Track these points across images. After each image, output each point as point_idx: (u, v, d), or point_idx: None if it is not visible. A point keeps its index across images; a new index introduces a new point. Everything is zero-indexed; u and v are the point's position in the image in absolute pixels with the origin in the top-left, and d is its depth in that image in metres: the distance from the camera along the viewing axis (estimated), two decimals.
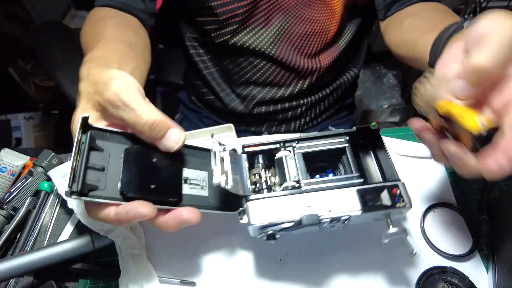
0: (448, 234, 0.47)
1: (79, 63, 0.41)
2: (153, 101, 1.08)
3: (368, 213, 0.37)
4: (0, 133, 1.43)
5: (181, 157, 0.41)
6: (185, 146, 0.41)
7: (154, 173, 0.38)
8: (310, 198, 0.38)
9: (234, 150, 0.42)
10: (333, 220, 0.37)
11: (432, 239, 0.46)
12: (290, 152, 0.42)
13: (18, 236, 0.47)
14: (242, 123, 0.76)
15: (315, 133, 0.43)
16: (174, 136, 0.36)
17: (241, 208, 0.39)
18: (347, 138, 0.42)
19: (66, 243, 0.44)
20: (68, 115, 0.38)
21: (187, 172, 0.40)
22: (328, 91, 0.75)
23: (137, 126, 0.34)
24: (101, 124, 0.36)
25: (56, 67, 0.70)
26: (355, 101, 0.88)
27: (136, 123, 0.34)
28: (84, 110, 0.36)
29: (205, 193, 0.41)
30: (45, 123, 1.48)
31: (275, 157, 0.43)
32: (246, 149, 0.43)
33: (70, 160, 0.34)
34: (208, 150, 0.42)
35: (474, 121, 0.29)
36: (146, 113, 0.33)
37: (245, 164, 0.42)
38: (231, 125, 0.63)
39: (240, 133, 0.74)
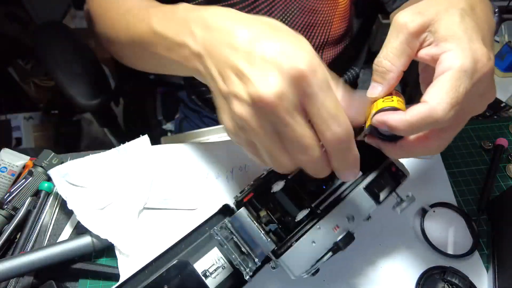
0: (448, 234, 0.47)
1: (79, 63, 0.40)
2: (153, 100, 1.09)
3: (383, 202, 0.36)
4: (0, 133, 1.43)
5: (185, 256, 0.37)
6: (182, 240, 0.38)
7: None
8: (330, 219, 0.35)
9: (227, 212, 0.38)
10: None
11: (432, 239, 0.46)
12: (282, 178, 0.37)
13: (18, 236, 0.47)
14: None
15: None
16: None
17: (272, 262, 0.36)
18: None
19: (66, 243, 0.44)
20: (68, 115, 0.38)
21: (199, 265, 0.37)
22: None
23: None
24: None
25: (56, 67, 0.70)
26: None
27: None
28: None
29: (229, 270, 0.37)
30: (45, 123, 1.48)
31: (272, 191, 0.37)
32: (240, 199, 0.37)
33: None
34: (199, 227, 0.39)
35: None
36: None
37: (250, 219, 0.36)
38: None
39: None
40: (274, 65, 0.26)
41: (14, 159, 0.53)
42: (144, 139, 0.52)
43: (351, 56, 0.75)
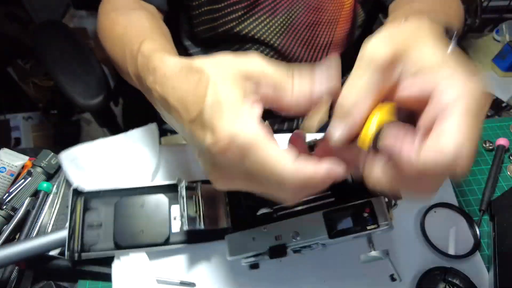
0: (449, 235, 0.47)
1: (79, 63, 0.40)
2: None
3: (337, 238, 0.34)
4: None
5: (168, 196, 0.44)
6: (171, 185, 0.44)
7: (143, 219, 0.42)
8: (280, 226, 0.36)
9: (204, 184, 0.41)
10: (304, 247, 0.35)
11: (433, 239, 0.46)
12: None
13: (17, 237, 0.47)
14: None
15: None
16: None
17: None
18: None
19: (64, 230, 0.43)
20: (67, 115, 0.38)
21: (175, 209, 0.44)
22: None
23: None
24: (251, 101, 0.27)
25: (56, 67, 0.70)
26: None
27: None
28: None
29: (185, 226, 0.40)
30: (44, 123, 1.48)
31: None
32: None
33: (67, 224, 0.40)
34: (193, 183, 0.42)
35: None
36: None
37: (225, 195, 0.41)
38: None
39: None
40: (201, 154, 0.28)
41: (13, 159, 0.53)
42: (152, 126, 0.53)
43: (355, 55, 0.74)
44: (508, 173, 0.53)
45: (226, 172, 0.28)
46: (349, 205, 0.34)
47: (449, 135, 0.21)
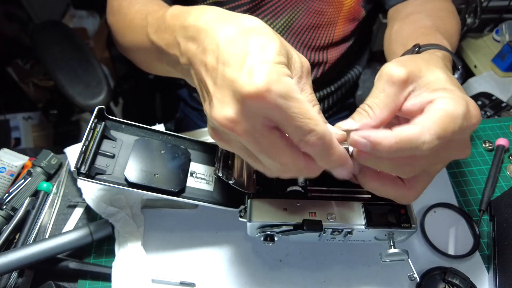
0: (449, 235, 0.47)
1: (78, 62, 0.40)
2: (153, 99, 1.08)
3: (371, 230, 0.36)
4: None
5: (190, 151, 0.43)
6: (195, 142, 0.44)
7: (160, 164, 0.40)
8: (314, 205, 0.37)
9: None
10: (334, 231, 0.37)
11: (433, 240, 0.46)
12: None
13: (17, 237, 0.47)
14: None
15: None
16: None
17: (242, 206, 0.39)
18: None
19: (65, 234, 0.44)
20: (67, 115, 0.38)
21: (194, 166, 0.42)
22: (332, 89, 0.74)
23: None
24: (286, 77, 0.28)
25: (55, 67, 0.70)
26: (355, 101, 0.87)
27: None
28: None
29: (210, 187, 0.42)
30: (44, 123, 1.48)
31: None
32: None
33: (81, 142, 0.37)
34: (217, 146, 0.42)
35: None
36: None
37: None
38: None
39: None
40: (230, 90, 0.26)
41: (13, 159, 0.53)
42: (159, 128, 0.53)
43: (354, 55, 0.75)
44: (508, 173, 0.53)
45: (239, 124, 0.27)
46: (387, 203, 0.37)
47: (420, 121, 0.27)
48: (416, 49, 0.42)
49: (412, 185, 0.32)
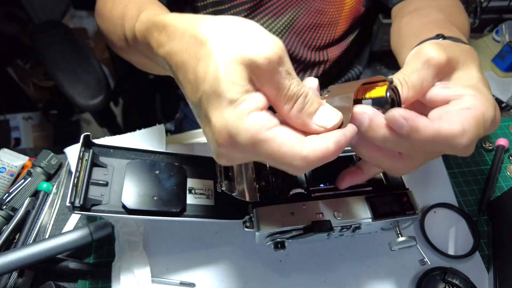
0: (449, 235, 0.47)
1: (78, 63, 0.40)
2: (153, 99, 1.08)
3: (378, 221, 0.37)
4: None
5: (185, 168, 0.42)
6: (189, 157, 0.42)
7: (157, 185, 0.39)
8: (319, 206, 0.37)
9: None
10: (343, 228, 0.37)
11: (433, 240, 0.46)
12: None
13: (17, 237, 0.47)
14: None
15: None
16: (328, 113, 0.27)
17: (247, 216, 0.38)
18: None
19: (65, 235, 0.44)
20: (67, 115, 0.38)
21: (192, 182, 0.41)
22: None
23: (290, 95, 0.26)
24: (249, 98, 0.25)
25: (55, 67, 0.70)
26: None
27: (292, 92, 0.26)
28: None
29: (211, 202, 0.41)
30: (44, 123, 1.48)
31: None
32: None
33: (72, 176, 0.35)
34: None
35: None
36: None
37: (252, 171, 0.41)
38: None
39: None
40: (212, 135, 0.25)
41: (13, 160, 0.53)
42: (160, 128, 0.53)
43: (355, 54, 0.75)
44: (508, 173, 0.53)
45: (230, 158, 0.27)
46: (388, 193, 0.38)
47: (456, 120, 0.26)
48: (440, 38, 0.38)
49: (408, 160, 0.31)
